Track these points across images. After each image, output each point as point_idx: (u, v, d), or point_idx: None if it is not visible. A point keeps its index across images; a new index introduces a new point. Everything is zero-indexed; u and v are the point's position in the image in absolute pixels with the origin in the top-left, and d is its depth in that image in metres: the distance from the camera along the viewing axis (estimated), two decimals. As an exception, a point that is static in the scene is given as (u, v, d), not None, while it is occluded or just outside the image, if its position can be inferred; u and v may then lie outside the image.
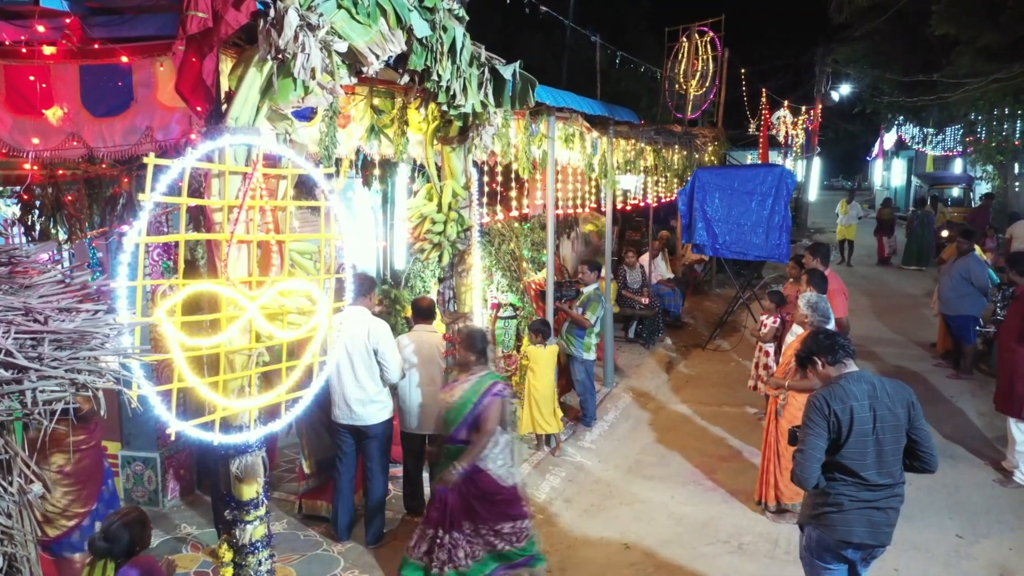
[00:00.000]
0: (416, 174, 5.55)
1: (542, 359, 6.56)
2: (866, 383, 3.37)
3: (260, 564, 3.21)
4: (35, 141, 3.48)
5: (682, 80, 14.23)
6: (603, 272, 8.33)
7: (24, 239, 4.67)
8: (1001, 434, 6.53)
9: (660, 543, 5.16)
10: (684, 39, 14.24)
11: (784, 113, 21.13)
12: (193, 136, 3.26)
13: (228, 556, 3.20)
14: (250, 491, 3.17)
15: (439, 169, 4.78)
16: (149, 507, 5.32)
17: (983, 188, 20.93)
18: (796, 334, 5.74)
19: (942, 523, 5.37)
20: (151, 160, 2.64)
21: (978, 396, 7.98)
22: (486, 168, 6.76)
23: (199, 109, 2.99)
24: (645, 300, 10.45)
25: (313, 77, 3.02)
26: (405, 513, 5.50)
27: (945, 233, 10.53)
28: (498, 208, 7.95)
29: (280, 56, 2.92)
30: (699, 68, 14.15)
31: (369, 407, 4.88)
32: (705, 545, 5.14)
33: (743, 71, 17.86)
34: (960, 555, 4.97)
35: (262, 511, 3.22)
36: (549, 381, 6.58)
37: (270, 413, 3.29)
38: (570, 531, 5.36)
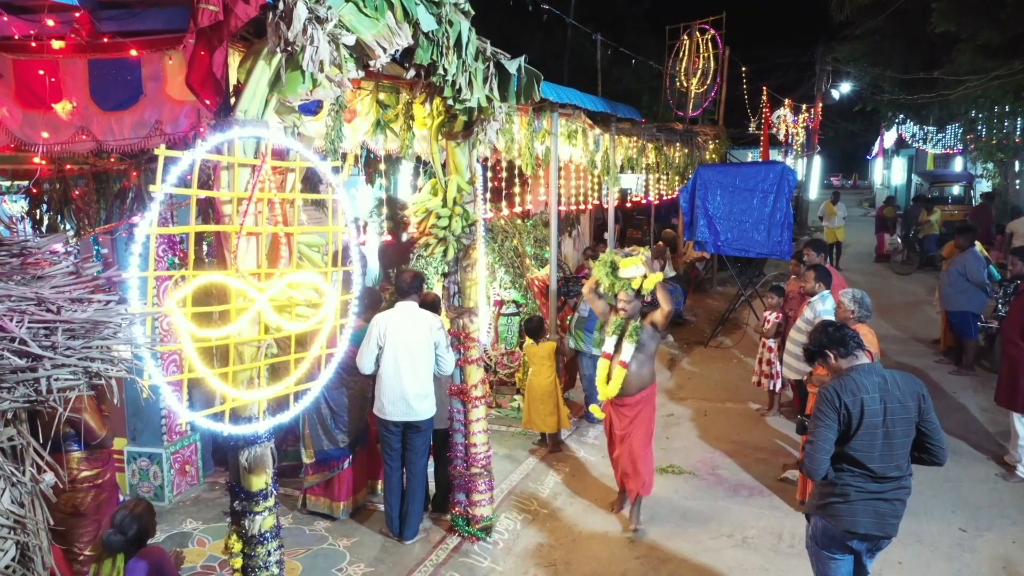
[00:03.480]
0: (420, 170, 5.56)
1: (537, 356, 6.60)
2: (877, 375, 3.38)
3: (269, 555, 3.23)
4: (44, 135, 3.50)
5: (683, 78, 14.25)
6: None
7: (32, 233, 4.70)
8: (1003, 429, 6.56)
9: (664, 537, 5.17)
10: (685, 37, 14.27)
11: (785, 111, 21.16)
12: (202, 129, 3.27)
13: (237, 547, 3.22)
14: (259, 482, 3.18)
15: (443, 164, 4.80)
16: (154, 502, 5.32)
17: (983, 186, 20.94)
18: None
19: (945, 517, 5.39)
20: (162, 152, 2.65)
21: (980, 392, 8.01)
22: (489, 165, 6.78)
23: (208, 102, 3.00)
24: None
25: (321, 70, 3.03)
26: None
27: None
28: (502, 204, 7.97)
29: (289, 49, 2.93)
30: (700, 66, 14.18)
31: (424, 401, 4.96)
32: (709, 539, 5.16)
33: (744, 69, 17.88)
34: (963, 548, 4.99)
35: (271, 502, 3.23)
36: (546, 378, 6.58)
37: (278, 405, 3.30)
38: (575, 526, 5.37)
